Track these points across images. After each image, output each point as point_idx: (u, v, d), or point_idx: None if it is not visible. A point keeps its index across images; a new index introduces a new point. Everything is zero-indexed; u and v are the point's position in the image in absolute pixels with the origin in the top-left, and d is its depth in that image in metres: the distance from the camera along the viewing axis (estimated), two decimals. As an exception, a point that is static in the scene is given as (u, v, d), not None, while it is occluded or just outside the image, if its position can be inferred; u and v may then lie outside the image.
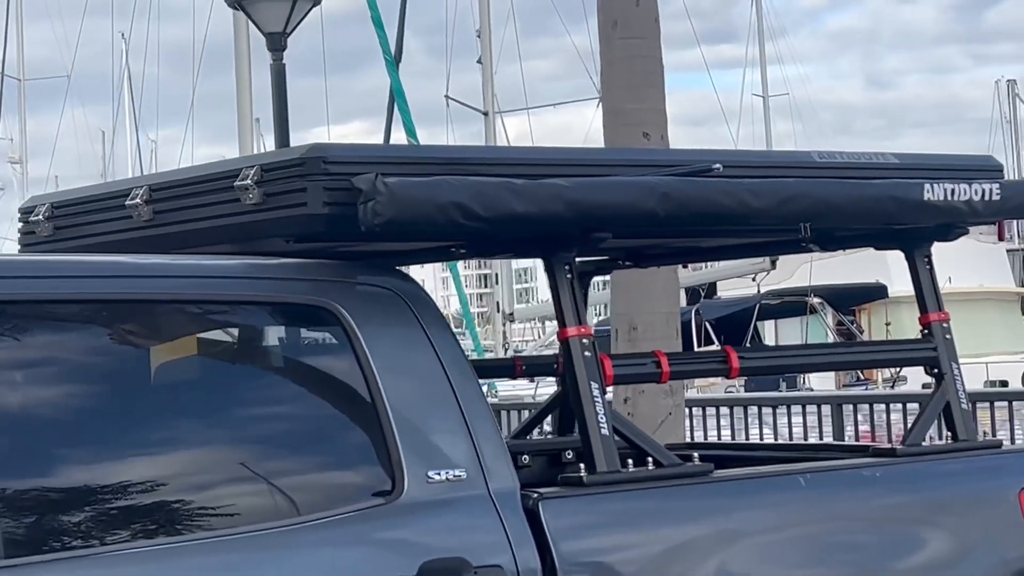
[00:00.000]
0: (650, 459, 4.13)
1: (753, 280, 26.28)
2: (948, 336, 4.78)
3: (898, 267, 23.85)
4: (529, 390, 19.09)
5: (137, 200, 4.20)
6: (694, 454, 4.26)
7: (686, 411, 10.09)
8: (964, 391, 4.75)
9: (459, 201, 3.81)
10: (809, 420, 11.31)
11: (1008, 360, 24.82)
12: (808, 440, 10.57)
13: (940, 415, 4.75)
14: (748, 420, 11.35)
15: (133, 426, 3.62)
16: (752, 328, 25.61)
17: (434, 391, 3.87)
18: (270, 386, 3.90)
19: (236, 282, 3.83)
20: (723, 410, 11.67)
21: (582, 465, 4.05)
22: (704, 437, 10.88)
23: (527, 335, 41.78)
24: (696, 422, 11.44)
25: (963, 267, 25.47)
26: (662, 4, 8.57)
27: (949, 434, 4.71)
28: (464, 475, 3.81)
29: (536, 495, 3.87)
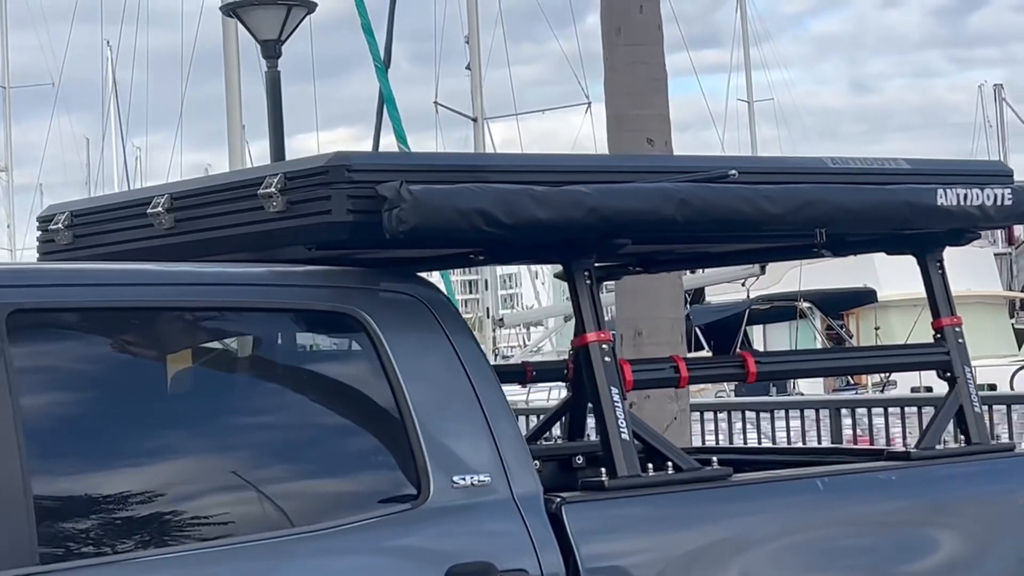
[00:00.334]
0: (669, 463, 4.16)
1: (743, 285, 26.32)
2: (961, 340, 4.82)
3: (886, 271, 23.74)
4: (522, 395, 19.09)
5: (159, 208, 4.23)
6: (713, 458, 4.29)
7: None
8: (977, 394, 4.79)
9: (482, 208, 3.84)
10: (797, 424, 11.35)
11: (996, 364, 24.85)
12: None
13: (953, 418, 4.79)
14: (745, 424, 11.37)
15: (157, 433, 3.65)
16: (742, 333, 25.63)
17: (457, 397, 3.90)
18: (295, 392, 3.92)
19: (262, 289, 3.86)
20: (719, 415, 11.69)
21: (603, 469, 4.08)
22: (702, 442, 10.90)
23: (511, 341, 41.76)
24: (694, 427, 11.45)
25: (951, 271, 25.32)
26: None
27: (963, 437, 4.74)
28: (488, 480, 3.84)
29: (559, 499, 3.90)
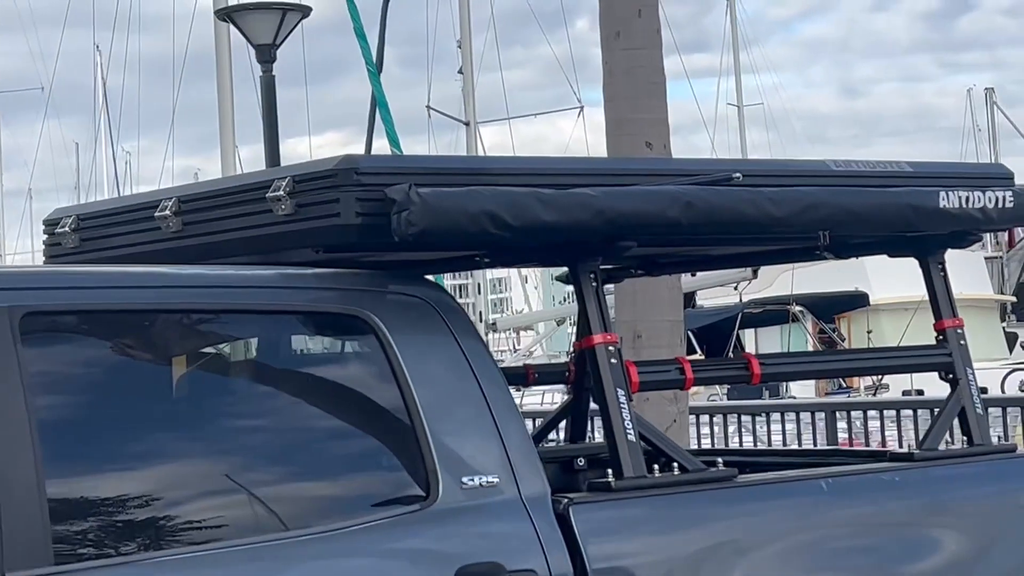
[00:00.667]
0: (675, 464, 4.19)
1: (735, 289, 26.35)
2: (963, 342, 4.85)
3: (877, 275, 23.76)
4: (515, 398, 19.09)
5: (166, 212, 4.25)
6: (718, 459, 4.32)
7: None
8: (979, 396, 4.82)
9: (490, 210, 3.86)
10: (791, 427, 11.38)
11: (987, 367, 24.89)
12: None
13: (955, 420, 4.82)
14: (741, 428, 11.39)
15: (169, 434, 3.67)
16: (734, 337, 25.66)
17: (466, 398, 3.92)
18: (304, 394, 3.93)
19: (272, 292, 3.88)
20: (714, 418, 11.72)
21: (610, 470, 4.10)
22: (698, 445, 10.92)
23: (501, 345, 41.76)
24: (691, 430, 11.48)
25: (941, 275, 25.49)
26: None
27: (965, 439, 4.77)
28: (497, 481, 3.86)
29: (566, 500, 3.92)
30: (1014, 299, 34.56)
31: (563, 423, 5.46)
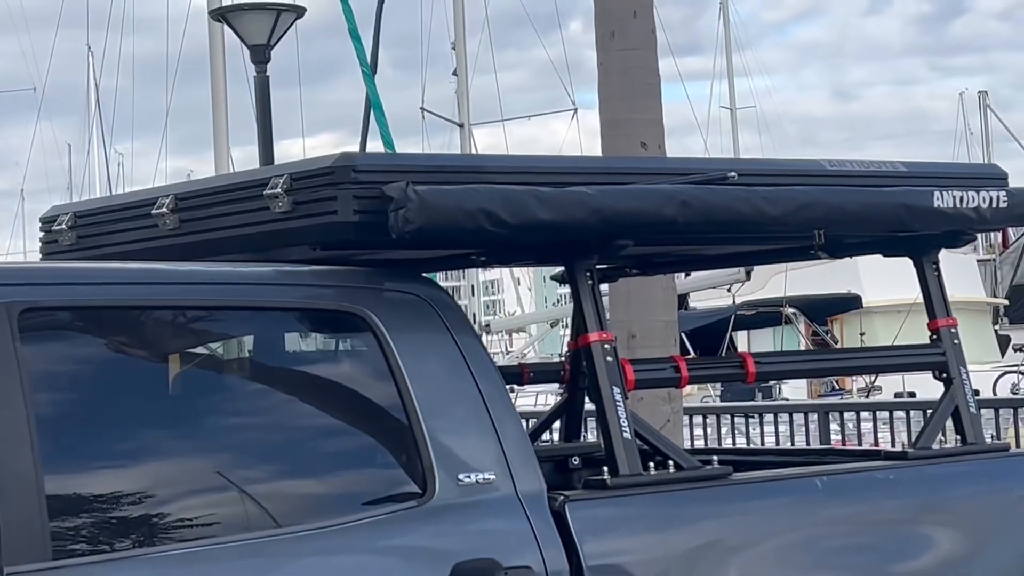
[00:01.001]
0: (670, 462, 4.20)
1: (728, 291, 26.36)
2: (956, 341, 4.87)
3: (870, 277, 23.76)
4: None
5: (163, 209, 4.26)
6: (713, 458, 4.33)
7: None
8: (972, 395, 4.84)
9: (487, 208, 3.87)
10: (783, 428, 11.40)
11: (979, 370, 24.93)
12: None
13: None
14: (734, 428, 11.42)
15: (167, 430, 3.67)
16: (728, 339, 25.67)
17: (462, 395, 3.93)
18: (301, 391, 3.94)
19: (270, 288, 3.89)
20: (707, 418, 11.74)
21: (605, 468, 4.11)
22: (691, 445, 10.94)
23: (493, 348, 41.75)
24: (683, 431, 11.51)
25: (934, 278, 25.50)
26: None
27: (958, 438, 4.79)
28: (493, 478, 3.87)
29: (562, 497, 3.93)
30: (1006, 302, 34.62)
31: (557, 423, 5.48)
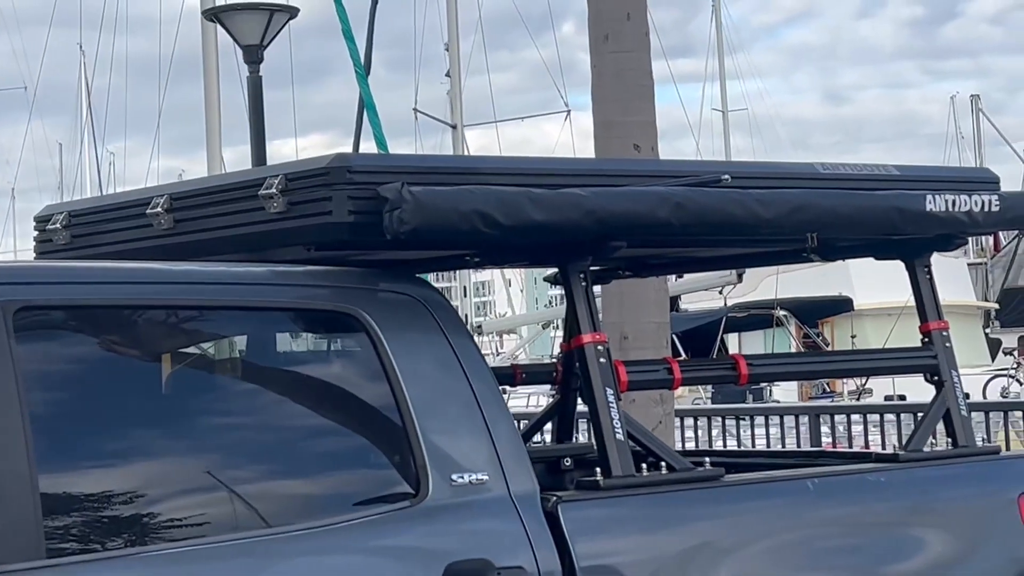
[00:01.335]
0: (663, 463, 4.21)
1: (720, 293, 26.40)
2: (948, 344, 4.88)
3: (861, 280, 23.76)
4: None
5: (158, 209, 4.26)
6: (706, 459, 4.35)
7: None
8: (963, 398, 4.85)
9: (482, 210, 3.88)
10: (774, 431, 11.42)
11: (970, 373, 24.96)
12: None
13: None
14: (725, 431, 11.43)
15: (161, 429, 3.68)
16: (719, 341, 25.70)
17: (456, 396, 3.94)
18: (295, 391, 3.95)
19: (264, 288, 3.89)
20: (699, 420, 11.77)
21: (598, 469, 4.13)
22: (682, 447, 10.96)
23: (484, 349, 41.73)
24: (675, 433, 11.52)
25: (925, 281, 25.53)
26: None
27: (949, 440, 4.81)
28: (486, 478, 3.88)
29: (555, 498, 3.94)
30: (997, 306, 34.67)
31: (549, 424, 5.49)
